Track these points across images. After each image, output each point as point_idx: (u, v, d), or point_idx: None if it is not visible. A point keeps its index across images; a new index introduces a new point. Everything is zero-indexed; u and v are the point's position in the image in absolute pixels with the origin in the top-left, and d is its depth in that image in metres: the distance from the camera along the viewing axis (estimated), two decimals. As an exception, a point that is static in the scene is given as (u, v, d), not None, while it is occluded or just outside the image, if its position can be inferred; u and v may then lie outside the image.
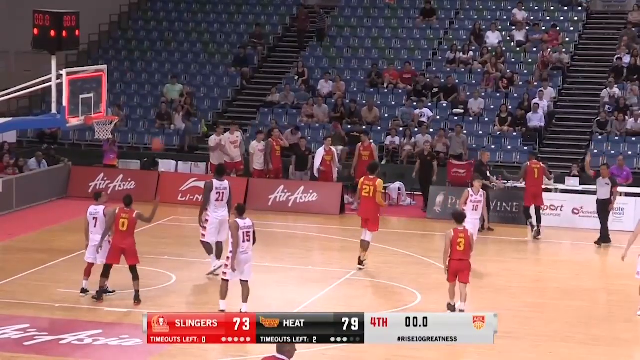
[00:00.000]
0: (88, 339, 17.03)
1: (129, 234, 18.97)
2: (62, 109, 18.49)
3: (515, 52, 34.93)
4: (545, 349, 16.94)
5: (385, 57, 35.50)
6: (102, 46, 37.98)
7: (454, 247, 18.19)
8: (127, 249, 18.95)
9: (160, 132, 32.95)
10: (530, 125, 31.27)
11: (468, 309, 19.23)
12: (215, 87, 35.21)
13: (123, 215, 19.01)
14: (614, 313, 19.65)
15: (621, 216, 26.50)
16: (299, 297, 19.61)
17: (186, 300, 19.67)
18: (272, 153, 29.29)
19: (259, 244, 18.08)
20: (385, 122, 32.24)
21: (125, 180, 29.68)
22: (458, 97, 32.85)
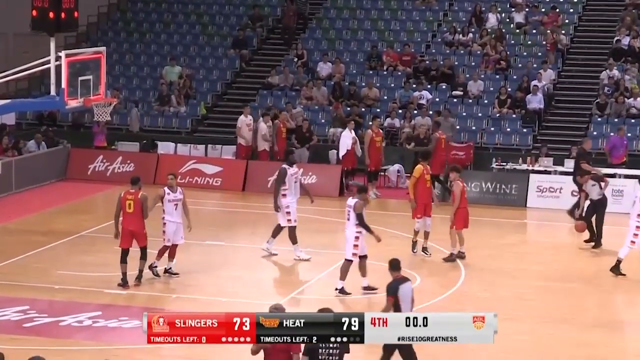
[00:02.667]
0: (87, 321, 17.07)
1: (136, 215, 18.86)
2: (61, 91, 18.46)
3: (515, 34, 34.86)
4: (545, 331, 16.97)
5: (384, 39, 35.43)
6: (101, 28, 37.89)
7: (463, 197, 20.46)
8: (136, 231, 18.94)
9: (160, 114, 32.92)
10: (529, 108, 31.24)
11: (469, 290, 19.30)
12: (214, 69, 35.16)
13: (128, 197, 18.96)
14: (613, 295, 19.68)
15: (620, 198, 26.50)
16: (298, 279, 19.65)
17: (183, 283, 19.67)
18: (278, 135, 29.29)
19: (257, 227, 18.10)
20: (384, 104, 32.20)
21: (124, 162, 29.67)
22: (457, 80, 32.80)
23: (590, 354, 15.95)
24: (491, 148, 30.54)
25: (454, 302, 18.78)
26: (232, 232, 23.97)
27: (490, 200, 26.97)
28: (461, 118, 31.37)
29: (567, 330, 17.16)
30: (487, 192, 27.58)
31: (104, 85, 19.88)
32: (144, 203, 18.88)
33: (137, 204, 18.83)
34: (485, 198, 27.20)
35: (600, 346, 16.23)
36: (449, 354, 14.99)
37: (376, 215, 24.52)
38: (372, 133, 27.98)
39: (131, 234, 18.95)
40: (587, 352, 16.04)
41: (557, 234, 25.09)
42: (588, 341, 16.58)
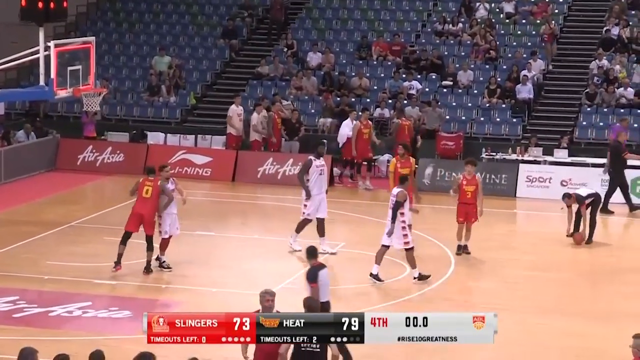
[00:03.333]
0: (77, 311, 17.06)
1: (152, 201, 19.08)
2: (50, 81, 18.42)
3: (505, 24, 34.87)
4: (535, 321, 17.01)
5: (374, 29, 35.39)
6: (90, 18, 37.77)
7: (462, 191, 20.51)
8: (146, 217, 19.10)
9: (149, 105, 32.86)
10: (519, 97, 31.25)
11: (458, 280, 19.34)
12: (204, 59, 35.09)
13: (147, 183, 19.18)
14: (604, 285, 19.73)
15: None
16: (287, 270, 19.65)
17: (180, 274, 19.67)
18: (274, 125, 29.25)
19: (247, 217, 18.11)
20: (374, 94, 32.19)
21: (114, 153, 29.61)
22: (446, 70, 32.80)
23: (580, 344, 16.00)
24: (481, 138, 30.56)
25: (443, 292, 18.81)
26: (222, 223, 23.96)
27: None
28: (451, 108, 31.38)
29: (557, 320, 17.20)
30: (476, 182, 27.58)
31: (93, 76, 19.86)
32: (165, 190, 19.04)
33: (155, 191, 19.05)
34: (474, 188, 27.21)
35: (590, 336, 16.28)
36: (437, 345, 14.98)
37: (366, 206, 24.60)
38: (361, 125, 27.99)
39: (140, 219, 19.13)
40: (577, 343, 16.08)
41: (546, 223, 25.12)
42: (578, 331, 16.63)
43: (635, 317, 17.03)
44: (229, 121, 29.59)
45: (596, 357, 15.51)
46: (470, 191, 20.65)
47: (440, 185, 27.58)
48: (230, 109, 29.59)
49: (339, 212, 24.33)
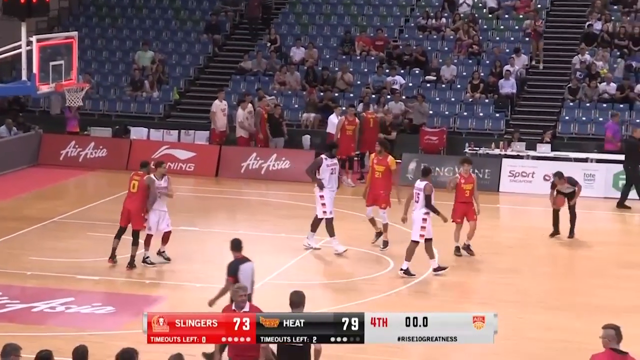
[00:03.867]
0: (60, 307, 17.02)
1: (137, 196, 19.13)
2: (33, 76, 18.38)
3: (488, 19, 34.92)
4: (516, 315, 17.06)
5: (357, 24, 35.40)
6: (73, 12, 37.65)
7: (460, 190, 20.23)
8: (132, 211, 19.14)
9: (132, 100, 32.79)
10: (502, 92, 31.31)
11: (441, 275, 19.36)
12: (187, 54, 35.02)
13: (135, 177, 19.27)
14: (585, 279, 19.80)
15: (592, 182, 26.66)
16: (272, 265, 19.63)
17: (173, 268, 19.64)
18: (261, 121, 29.21)
19: (230, 212, 18.12)
20: (357, 89, 32.20)
21: (97, 148, 29.55)
22: (430, 65, 32.83)
23: (560, 337, 16.05)
24: (464, 133, 30.62)
25: (426, 287, 18.85)
26: (205, 218, 23.94)
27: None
28: (434, 103, 31.42)
29: (538, 313, 17.25)
30: (460, 177, 27.64)
31: (75, 71, 19.83)
32: (151, 185, 19.05)
33: (141, 185, 19.08)
34: (458, 183, 27.27)
35: (571, 330, 16.34)
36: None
37: (351, 201, 24.58)
38: (345, 121, 27.97)
39: (128, 213, 19.13)
40: (557, 336, 16.14)
41: (529, 218, 25.20)
42: (559, 325, 16.69)
43: (617, 310, 17.12)
44: (213, 117, 29.55)
45: (580, 350, 15.56)
46: (468, 190, 20.43)
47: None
48: (214, 104, 29.55)
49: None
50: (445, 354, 15.14)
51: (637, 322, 16.81)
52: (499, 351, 15.26)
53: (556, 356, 15.26)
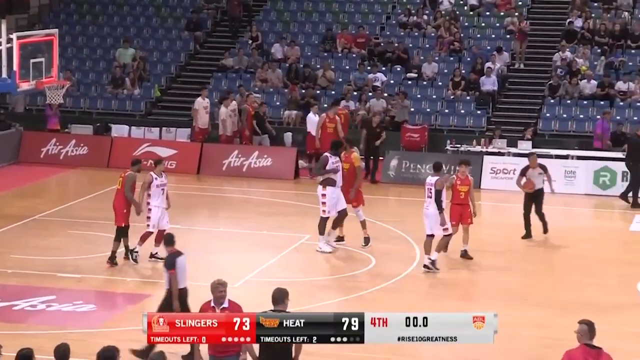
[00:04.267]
0: (41, 305, 16.97)
1: (120, 193, 19.21)
2: (13, 74, 18.30)
3: (469, 16, 34.98)
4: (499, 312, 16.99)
5: (338, 21, 35.39)
6: (53, 10, 37.51)
7: (456, 191, 20.07)
8: (115, 208, 19.28)
9: (113, 97, 32.70)
10: (483, 90, 31.37)
11: (423, 272, 19.39)
12: (168, 52, 34.94)
13: (122, 174, 19.40)
14: (567, 276, 19.85)
15: (572, 179, 26.75)
16: (253, 263, 19.63)
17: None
18: (248, 119, 29.14)
19: (212, 209, 18.12)
20: (339, 87, 32.20)
21: (77, 146, 29.46)
22: (411, 62, 32.86)
23: (544, 334, 16.09)
24: (445, 130, 30.66)
25: (408, 285, 18.86)
26: (187, 215, 23.87)
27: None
28: (416, 100, 31.45)
29: (521, 311, 17.29)
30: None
31: (56, 68, 19.75)
32: (127, 182, 19.09)
33: (123, 181, 19.17)
34: (439, 180, 27.31)
35: (554, 327, 16.37)
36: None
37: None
38: (327, 118, 27.96)
39: (113, 210, 19.23)
40: (541, 333, 16.18)
41: (510, 215, 25.25)
42: (542, 322, 16.72)
43: (601, 307, 17.20)
44: (195, 114, 29.48)
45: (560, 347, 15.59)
46: (464, 191, 20.23)
47: (405, 177, 27.71)
48: (197, 102, 29.49)
49: (303, 204, 24.37)
50: (429, 350, 15.16)
51: (622, 319, 16.93)
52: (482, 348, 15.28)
53: (541, 353, 15.28)
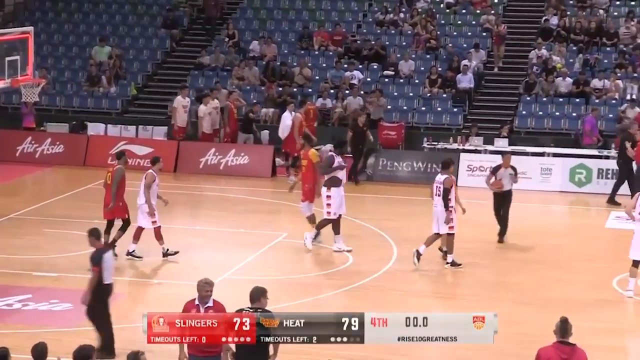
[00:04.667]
0: (17, 304, 16.90)
1: (107, 187, 19.29)
2: (-12, 72, 18.20)
3: (445, 14, 35.04)
4: (474, 309, 17.09)
5: (315, 19, 35.40)
6: (29, 7, 37.33)
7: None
8: (105, 202, 19.33)
9: (89, 95, 32.57)
10: (459, 87, 31.45)
11: (400, 269, 19.43)
12: (145, 49, 34.85)
13: (109, 169, 19.51)
14: (543, 272, 19.92)
15: (549, 176, 26.87)
16: (231, 261, 19.62)
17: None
18: (230, 116, 29.08)
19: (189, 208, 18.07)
20: (316, 85, 32.20)
21: (53, 144, 29.35)
22: (388, 60, 32.89)
23: (520, 331, 16.13)
24: (422, 127, 30.71)
25: (386, 281, 18.89)
26: (165, 214, 23.78)
27: (421, 179, 27.07)
28: (392, 98, 31.49)
29: (496, 307, 17.29)
30: (418, 172, 27.79)
31: (31, 66, 19.66)
32: (116, 176, 19.14)
33: (111, 176, 19.22)
34: (416, 177, 27.39)
35: (530, 324, 16.43)
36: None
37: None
38: (303, 116, 27.93)
39: (103, 205, 19.26)
40: (517, 330, 16.21)
41: (487, 212, 25.29)
42: (518, 319, 16.77)
43: (577, 304, 17.28)
44: (174, 112, 29.38)
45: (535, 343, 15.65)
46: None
47: (382, 174, 27.74)
48: (176, 100, 29.38)
49: (280, 202, 24.37)
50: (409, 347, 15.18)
51: (598, 316, 17.01)
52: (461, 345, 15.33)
53: (515, 350, 15.33)
